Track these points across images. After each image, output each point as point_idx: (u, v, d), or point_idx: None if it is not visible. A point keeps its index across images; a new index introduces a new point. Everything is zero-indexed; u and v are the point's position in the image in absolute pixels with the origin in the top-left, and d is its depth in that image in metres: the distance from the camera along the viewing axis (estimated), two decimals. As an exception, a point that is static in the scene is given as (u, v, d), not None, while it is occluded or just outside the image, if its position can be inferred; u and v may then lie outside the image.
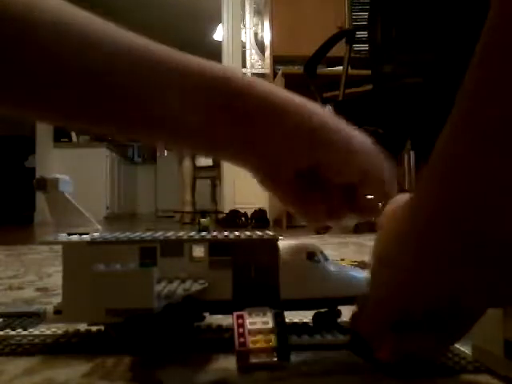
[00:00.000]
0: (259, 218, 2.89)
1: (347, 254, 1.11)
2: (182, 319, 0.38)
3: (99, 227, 0.43)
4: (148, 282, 0.31)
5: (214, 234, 0.40)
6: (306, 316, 0.42)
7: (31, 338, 0.40)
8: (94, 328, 0.40)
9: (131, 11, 4.83)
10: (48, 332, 0.41)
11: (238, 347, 0.33)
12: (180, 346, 0.38)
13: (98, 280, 0.31)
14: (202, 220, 0.43)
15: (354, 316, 0.35)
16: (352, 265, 0.74)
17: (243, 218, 2.96)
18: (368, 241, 1.42)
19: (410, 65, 1.55)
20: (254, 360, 0.33)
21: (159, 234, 0.40)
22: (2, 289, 0.72)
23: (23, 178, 4.22)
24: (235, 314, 0.35)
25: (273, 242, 0.39)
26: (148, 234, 0.41)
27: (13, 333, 0.40)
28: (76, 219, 0.42)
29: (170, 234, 0.41)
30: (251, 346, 0.33)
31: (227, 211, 3.21)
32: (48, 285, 0.75)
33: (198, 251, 0.39)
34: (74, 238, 0.39)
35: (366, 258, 0.42)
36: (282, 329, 0.34)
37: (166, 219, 4.96)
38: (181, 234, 0.41)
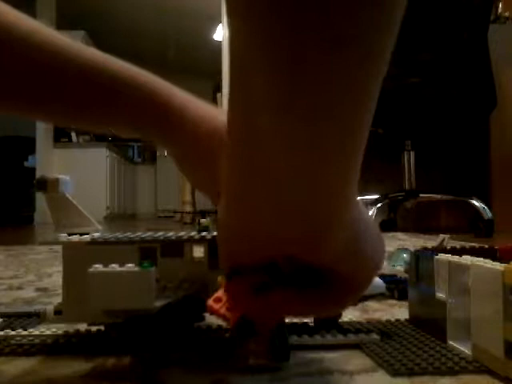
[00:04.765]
0: (259, 218, 2.88)
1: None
2: (181, 319, 0.38)
3: (99, 227, 0.43)
4: (146, 283, 0.31)
5: (214, 234, 0.40)
6: (305, 316, 0.42)
7: (31, 338, 0.40)
8: (93, 328, 0.40)
9: (131, 12, 4.84)
10: (48, 332, 0.41)
11: (237, 348, 0.33)
12: (180, 346, 0.38)
13: (96, 280, 0.31)
14: (202, 220, 0.43)
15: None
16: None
17: (243, 218, 2.95)
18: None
19: (409, 65, 1.55)
20: (253, 361, 0.33)
21: (159, 235, 0.40)
22: (1, 289, 0.72)
23: (23, 178, 4.22)
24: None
25: (273, 242, 0.39)
26: (148, 234, 0.41)
27: (13, 333, 0.40)
28: (76, 219, 0.42)
29: (170, 234, 0.41)
30: (250, 346, 0.33)
31: (227, 211, 3.20)
32: (48, 285, 0.75)
33: (198, 251, 0.39)
34: (74, 237, 0.39)
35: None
36: (281, 329, 0.34)
37: (166, 219, 4.96)
38: (181, 234, 0.41)
